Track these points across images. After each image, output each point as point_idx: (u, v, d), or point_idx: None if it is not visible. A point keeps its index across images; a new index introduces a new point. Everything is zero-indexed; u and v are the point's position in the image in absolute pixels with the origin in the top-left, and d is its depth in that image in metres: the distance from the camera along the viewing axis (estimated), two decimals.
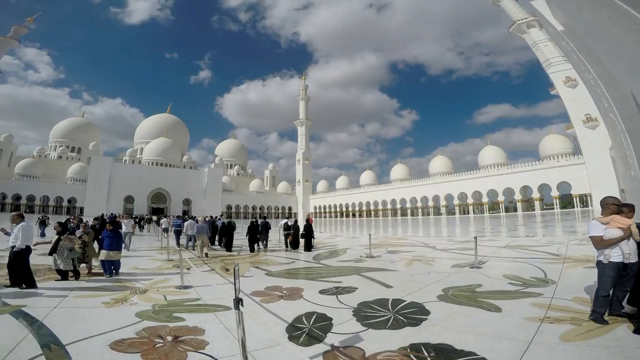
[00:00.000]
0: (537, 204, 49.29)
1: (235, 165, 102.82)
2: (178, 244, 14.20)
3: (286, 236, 12.93)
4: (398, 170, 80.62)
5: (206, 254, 10.68)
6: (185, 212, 65.49)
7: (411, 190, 66.98)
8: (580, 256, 8.14)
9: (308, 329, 3.70)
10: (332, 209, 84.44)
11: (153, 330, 3.57)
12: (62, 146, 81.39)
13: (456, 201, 59.06)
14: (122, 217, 14.48)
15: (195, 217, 16.33)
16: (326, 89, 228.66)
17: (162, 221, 20.82)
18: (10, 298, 4.92)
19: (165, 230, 17.39)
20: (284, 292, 5.55)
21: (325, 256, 10.40)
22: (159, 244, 14.70)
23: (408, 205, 67.53)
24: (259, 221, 12.93)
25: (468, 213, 58.03)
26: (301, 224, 13.02)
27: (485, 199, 55.88)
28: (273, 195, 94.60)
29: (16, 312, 4.16)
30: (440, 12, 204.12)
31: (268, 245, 13.01)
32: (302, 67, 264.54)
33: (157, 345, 3.17)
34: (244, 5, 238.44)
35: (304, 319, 4.07)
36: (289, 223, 13.31)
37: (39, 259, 8.10)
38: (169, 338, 3.37)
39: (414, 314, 4.16)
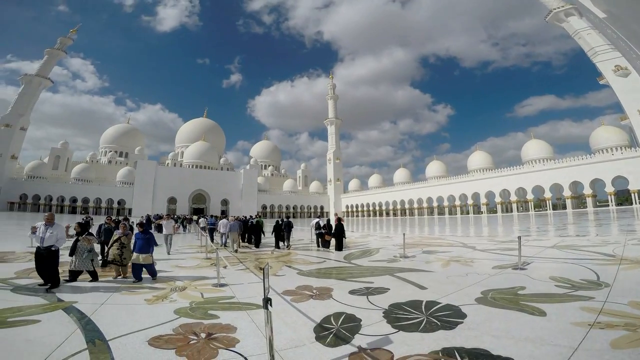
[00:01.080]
0: (589, 200, 45.28)
1: (269, 166, 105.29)
2: (212, 240, 15.07)
3: (318, 235, 12.97)
4: (434, 167, 78.05)
5: (236, 250, 12.08)
6: (223, 212, 68.18)
7: (448, 188, 64.28)
8: (639, 257, 7.35)
9: (336, 330, 3.66)
10: (365, 208, 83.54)
11: (189, 327, 3.70)
12: (111, 151, 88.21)
13: (498, 199, 55.88)
14: (163, 217, 13.55)
15: (226, 216, 17.02)
16: (354, 86, 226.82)
17: (200, 220, 22.01)
18: (65, 294, 5.29)
19: (204, 229, 18.22)
20: (314, 291, 5.54)
21: (357, 256, 10.28)
22: (198, 242, 15.38)
23: (445, 203, 64.91)
24: (283, 221, 13.81)
25: (511, 211, 54.75)
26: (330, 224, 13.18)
27: (530, 196, 52.30)
28: (305, 195, 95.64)
29: (68, 308, 4.43)
30: (468, 2, 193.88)
31: (291, 243, 13.58)
32: (328, 66, 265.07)
33: (191, 342, 3.28)
34: (266, 7, 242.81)
35: (332, 319, 4.03)
36: (321, 222, 13.35)
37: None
38: (203, 335, 3.48)
39: (449, 317, 3.98)
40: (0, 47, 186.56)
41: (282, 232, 13.29)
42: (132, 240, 7.12)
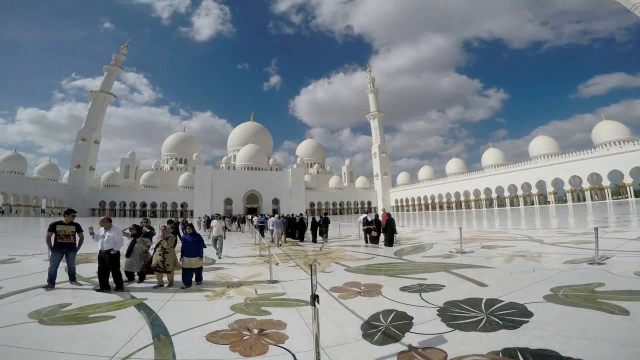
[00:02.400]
0: None
1: (314, 164, 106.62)
2: (262, 235, 15.62)
3: (366, 231, 12.80)
4: (490, 155, 72.73)
5: (280, 245, 13.52)
6: (274, 211, 70.63)
7: (509, 177, 59.17)
8: None
9: (385, 328, 3.57)
10: (415, 202, 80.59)
11: (243, 323, 3.84)
12: (172, 158, 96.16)
13: (567, 186, 50.17)
14: (214, 217, 12.70)
15: (274, 215, 17.81)
16: (394, 78, 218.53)
17: (253, 219, 23.19)
18: (137, 292, 5.71)
19: (257, 227, 19.12)
20: (362, 288, 5.46)
21: (409, 252, 9.94)
22: (253, 240, 16.10)
23: (506, 194, 59.95)
24: (321, 217, 15.76)
25: (583, 200, 48.90)
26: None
27: (606, 182, 46.07)
28: (351, 191, 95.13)
29: (139, 304, 4.73)
30: None
31: (329, 237, 15.32)
32: (363, 60, 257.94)
33: (244, 338, 3.40)
34: (293, 7, 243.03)
35: (381, 316, 3.94)
36: (369, 218, 13.16)
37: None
38: (255, 331, 3.58)
39: (512, 316, 3.68)
40: (64, 66, 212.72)
41: (320, 227, 15.04)
42: (175, 244, 6.77)
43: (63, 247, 5.90)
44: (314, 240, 14.58)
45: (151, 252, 6.53)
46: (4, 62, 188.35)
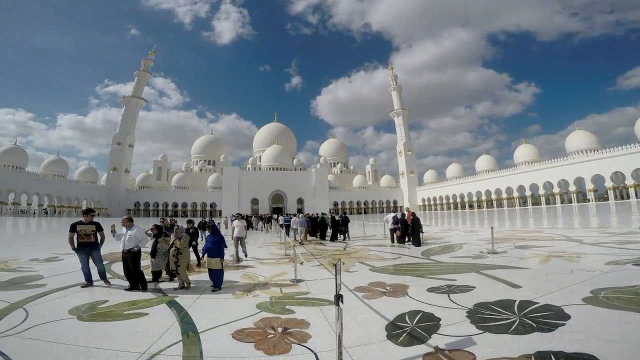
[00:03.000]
0: None
1: (337, 163, 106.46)
2: (288, 234, 16.12)
3: (392, 231, 12.59)
4: (524, 151, 69.38)
5: (300, 242, 14.11)
6: (299, 210, 71.28)
7: (543, 174, 55.85)
8: None
9: (410, 329, 3.49)
10: (443, 201, 78.24)
11: (268, 322, 3.87)
12: (201, 160, 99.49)
13: (608, 183, 46.69)
14: (235, 217, 11.74)
15: (298, 214, 18.32)
16: (417, 74, 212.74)
17: (279, 218, 23.58)
18: (169, 290, 5.84)
19: (282, 226, 19.43)
20: (388, 288, 5.37)
21: (437, 252, 9.67)
22: (278, 239, 16.32)
23: (541, 192, 56.77)
24: (341, 217, 16.24)
25: (627, 197, 45.39)
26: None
27: None
28: (376, 190, 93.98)
29: (171, 302, 4.85)
30: None
31: (351, 236, 15.86)
32: (384, 57, 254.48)
33: (269, 336, 3.43)
34: (309, 7, 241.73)
35: (407, 317, 3.86)
36: (398, 216, 12.96)
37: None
38: (280, 330, 3.61)
39: (547, 319, 3.51)
40: (97, 72, 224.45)
41: (340, 226, 15.67)
42: (190, 244, 6.74)
43: (85, 246, 5.91)
44: (334, 239, 15.27)
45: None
46: (43, 70, 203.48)
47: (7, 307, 4.36)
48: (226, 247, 6.32)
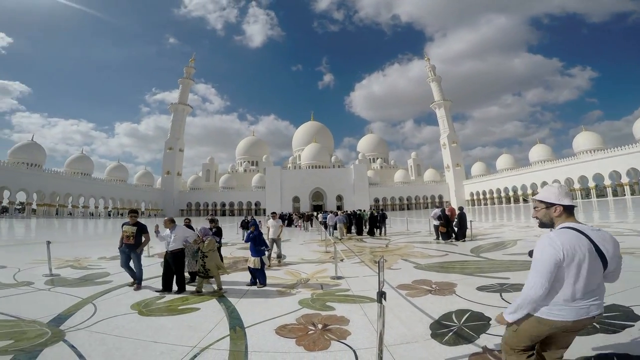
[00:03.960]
0: None
1: (377, 158, 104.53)
2: (326, 229, 16.55)
3: (436, 227, 12.06)
4: (584, 139, 62.67)
5: (340, 238, 14.45)
6: (339, 207, 71.37)
7: (609, 162, 49.77)
8: None
9: (457, 328, 3.33)
10: (494, 194, 73.19)
11: (309, 318, 3.90)
12: (245, 161, 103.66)
13: None
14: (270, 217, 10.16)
15: (333, 211, 18.50)
16: (455, 63, 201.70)
17: (319, 216, 23.73)
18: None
19: (322, 223, 19.61)
20: (433, 286, 5.15)
21: (488, 248, 9.09)
22: (319, 237, 16.44)
23: (607, 182, 50.84)
24: (378, 213, 16.38)
25: None
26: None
27: None
28: (419, 185, 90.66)
29: (221, 297, 5.02)
30: None
31: (387, 232, 16.07)
32: (418, 48, 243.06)
33: (309, 332, 3.45)
34: (333, 4, 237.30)
35: (453, 316, 3.70)
36: (446, 212, 12.41)
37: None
38: (320, 326, 3.61)
39: (613, 319, 3.23)
40: (145, 82, 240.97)
41: (378, 222, 15.97)
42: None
43: (126, 247, 5.81)
44: (370, 234, 15.82)
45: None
46: (99, 83, 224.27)
47: (79, 302, 4.78)
48: (265, 245, 6.27)
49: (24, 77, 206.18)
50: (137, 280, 5.80)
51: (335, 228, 16.36)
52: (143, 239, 5.94)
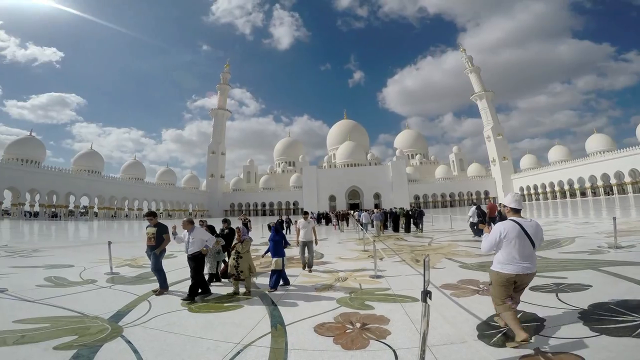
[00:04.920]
0: None
1: (416, 154, 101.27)
2: (361, 227, 16.42)
3: (472, 225, 11.45)
4: None
5: (378, 235, 14.72)
6: (376, 205, 70.15)
7: None
8: None
9: (507, 329, 3.14)
10: (547, 189, 67.35)
11: (347, 317, 3.88)
12: (282, 162, 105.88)
13: None
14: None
15: (369, 209, 18.78)
16: (493, 53, 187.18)
17: (355, 214, 23.95)
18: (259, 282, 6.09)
19: (358, 222, 19.49)
20: (481, 286, 4.90)
21: (541, 246, 8.41)
22: (356, 235, 16.32)
23: None
24: (415, 210, 17.60)
25: None
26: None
27: None
28: (463, 180, 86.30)
29: (263, 295, 5.14)
30: None
31: (424, 229, 16.56)
32: (451, 39, 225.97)
33: (347, 331, 3.43)
34: (355, 1, 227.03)
35: None
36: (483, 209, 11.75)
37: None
38: (358, 325, 3.58)
39: None
40: (185, 89, 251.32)
41: (415, 219, 16.63)
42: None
43: (149, 249, 5.72)
44: (407, 231, 16.17)
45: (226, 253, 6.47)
46: (145, 92, 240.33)
47: (136, 299, 5.11)
48: (286, 245, 6.08)
49: (77, 89, 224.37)
50: (160, 285, 5.55)
51: (372, 226, 16.71)
52: (165, 239, 5.71)
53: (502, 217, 10.42)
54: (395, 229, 17.30)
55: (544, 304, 3.87)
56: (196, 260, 5.33)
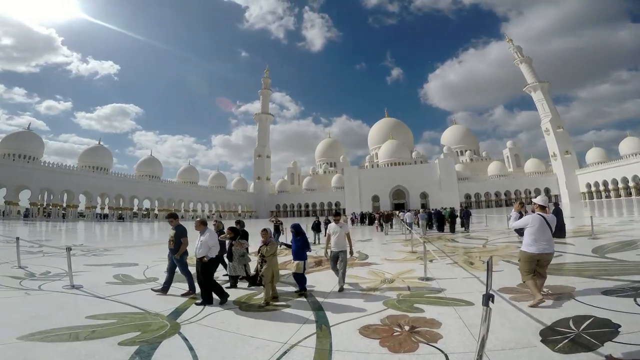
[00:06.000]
0: None
1: (465, 151, 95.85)
2: (408, 227, 15.98)
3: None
4: None
5: (424, 234, 15.01)
6: (423, 205, 67.60)
7: None
8: None
9: (575, 335, 2.94)
10: (619, 185, 59.30)
11: (394, 319, 3.75)
12: (324, 163, 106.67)
13: None
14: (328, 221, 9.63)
15: (412, 209, 18.38)
16: (543, 42, 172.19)
17: (400, 214, 23.03)
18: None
19: (403, 222, 18.96)
20: (545, 290, 4.46)
21: (615, 248, 7.53)
22: (403, 236, 15.81)
23: None
24: (461, 210, 18.05)
25: None
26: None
27: None
28: (520, 177, 79.70)
29: (308, 295, 5.14)
30: None
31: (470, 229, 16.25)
32: (493, 30, 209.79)
33: (394, 334, 3.31)
34: None
35: (571, 323, 3.26)
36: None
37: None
38: (407, 328, 3.44)
39: None
40: (229, 95, 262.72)
41: (462, 219, 16.66)
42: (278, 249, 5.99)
43: (170, 252, 5.64)
44: (452, 231, 15.92)
45: (251, 257, 6.38)
46: (194, 100, 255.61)
47: (192, 297, 5.29)
48: (308, 250, 5.71)
49: (135, 99, 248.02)
50: (189, 288, 5.50)
51: (418, 225, 17.13)
52: (183, 243, 5.50)
53: (558, 217, 9.46)
54: (440, 228, 17.22)
55: (619, 309, 3.56)
56: (202, 265, 4.97)
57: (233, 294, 5.32)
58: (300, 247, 5.53)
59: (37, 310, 4.45)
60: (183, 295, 5.37)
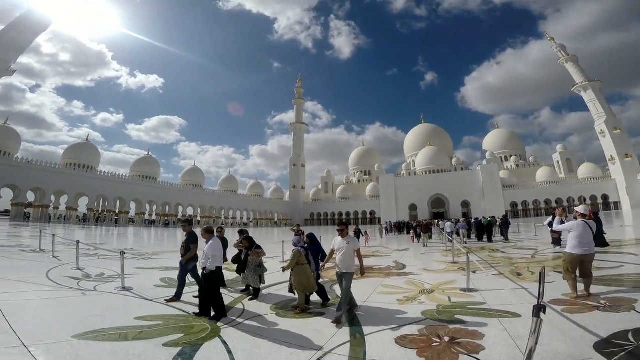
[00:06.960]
0: None
1: (510, 156, 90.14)
2: (449, 237, 15.07)
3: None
4: None
5: (465, 243, 15.37)
6: (464, 215, 64.32)
7: None
8: None
9: (633, 347, 2.78)
10: None
11: (433, 330, 3.65)
12: (358, 172, 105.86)
13: None
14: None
15: (452, 219, 18.22)
16: (587, 39, 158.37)
17: (440, 224, 22.17)
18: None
19: (443, 231, 18.23)
20: (602, 302, 4.19)
21: None
22: (443, 247, 15.20)
23: None
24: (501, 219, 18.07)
25: None
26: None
27: None
28: (573, 183, 73.04)
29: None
30: None
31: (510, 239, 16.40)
32: (530, 29, 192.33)
33: (433, 344, 3.22)
34: (410, 2, 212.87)
35: (630, 335, 3.08)
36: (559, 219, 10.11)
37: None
38: (446, 339, 3.34)
39: None
40: (265, 106, 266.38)
41: (501, 228, 17.21)
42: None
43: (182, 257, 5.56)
44: (489, 240, 16.28)
45: (266, 266, 6.32)
46: (230, 112, 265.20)
47: (232, 301, 5.48)
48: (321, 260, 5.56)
49: (178, 112, 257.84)
50: (174, 294, 5.43)
51: (458, 235, 17.45)
52: (192, 249, 5.41)
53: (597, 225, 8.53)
54: (480, 238, 17.50)
55: None
56: (205, 277, 4.67)
57: (271, 301, 5.37)
58: (314, 258, 5.36)
59: (91, 310, 4.65)
60: (167, 300, 5.33)
